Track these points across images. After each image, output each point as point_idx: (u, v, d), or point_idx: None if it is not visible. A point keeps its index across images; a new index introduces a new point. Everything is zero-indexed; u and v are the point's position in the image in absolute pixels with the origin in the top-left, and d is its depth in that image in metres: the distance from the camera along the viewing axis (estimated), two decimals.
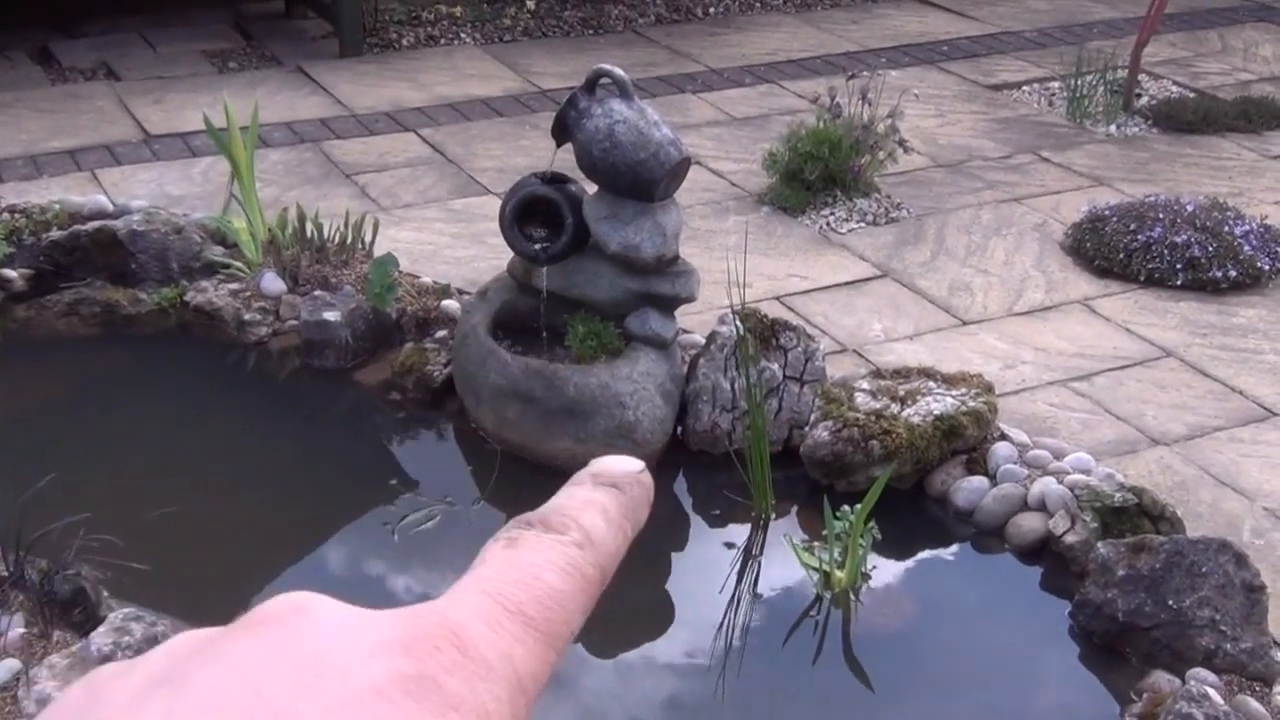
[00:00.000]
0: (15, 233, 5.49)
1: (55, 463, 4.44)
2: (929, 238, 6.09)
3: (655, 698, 3.73)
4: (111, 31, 8.25)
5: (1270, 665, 3.65)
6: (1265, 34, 8.94)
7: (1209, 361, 5.17)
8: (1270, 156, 7.02)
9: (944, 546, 4.32)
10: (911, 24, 8.94)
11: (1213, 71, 8.23)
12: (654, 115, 4.46)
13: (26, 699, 3.35)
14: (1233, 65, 8.36)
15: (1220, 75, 8.16)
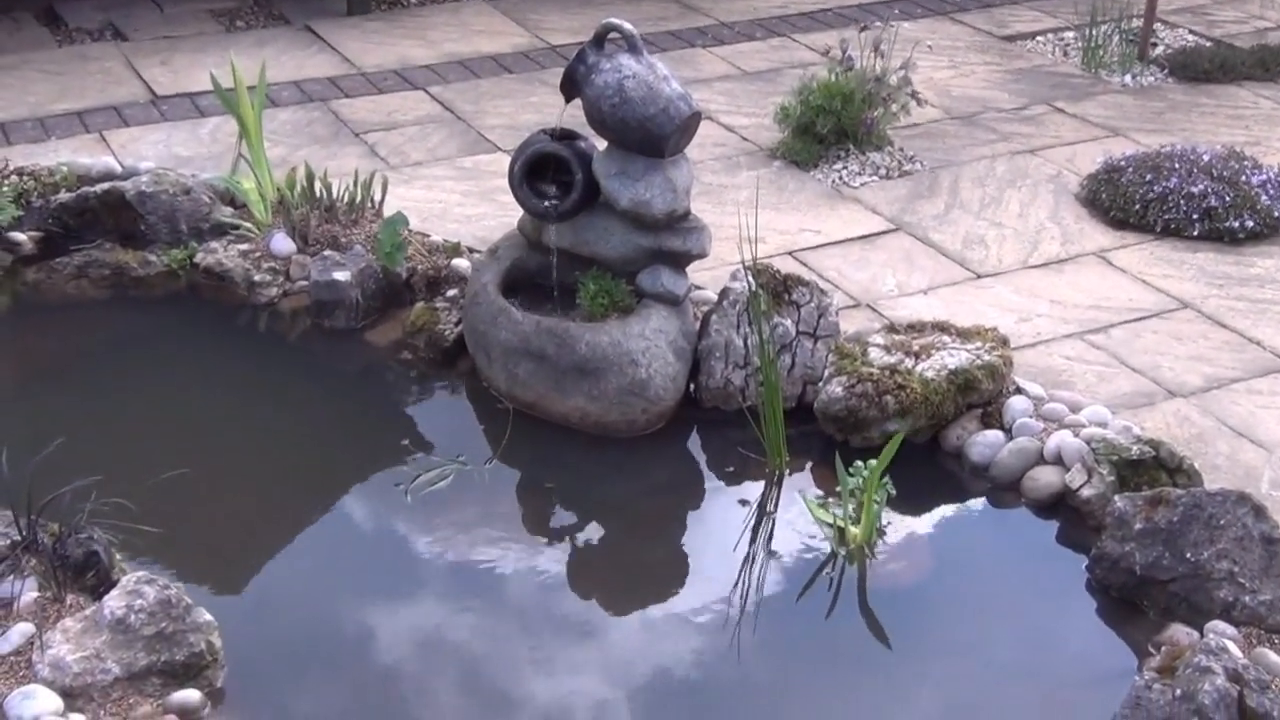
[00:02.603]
0: (24, 195, 5.47)
1: (65, 426, 4.42)
2: (943, 190, 6.03)
3: (671, 654, 3.70)
4: None
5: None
6: None
7: (1226, 312, 5.13)
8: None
9: (959, 501, 4.28)
10: None
11: (1229, 20, 8.14)
12: (664, 70, 4.41)
13: (40, 663, 3.35)
14: (1249, 13, 8.26)
15: (1236, 23, 8.07)
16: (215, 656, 3.45)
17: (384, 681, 3.59)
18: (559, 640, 3.77)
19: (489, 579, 3.98)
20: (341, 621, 3.79)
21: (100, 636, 3.39)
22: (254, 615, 3.78)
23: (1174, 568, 3.70)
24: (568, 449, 4.46)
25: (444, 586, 3.96)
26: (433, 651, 3.71)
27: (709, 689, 3.62)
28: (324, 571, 4.00)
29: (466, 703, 3.54)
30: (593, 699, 3.55)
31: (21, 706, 3.22)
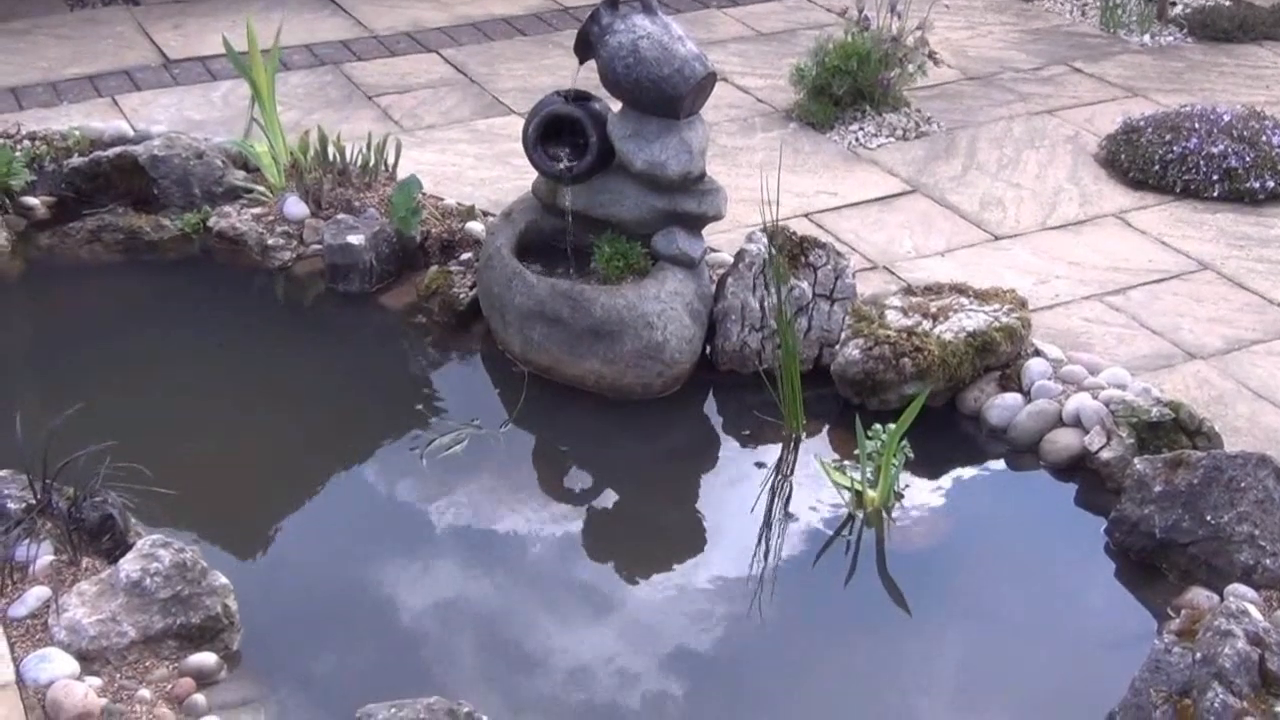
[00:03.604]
0: (37, 160, 5.46)
1: (79, 390, 4.43)
2: (960, 152, 5.99)
3: (687, 618, 3.70)
4: None
5: None
6: None
7: (1246, 274, 5.09)
8: None
9: (977, 464, 4.26)
10: None
11: None
12: (678, 30, 4.38)
13: (56, 626, 3.35)
14: None
15: None
16: (231, 620, 3.46)
17: (401, 645, 3.59)
18: (574, 603, 3.76)
19: (504, 543, 3.98)
20: (357, 585, 3.79)
21: (116, 600, 3.39)
22: (270, 579, 3.79)
23: (1194, 530, 3.68)
24: (583, 412, 4.44)
25: (459, 550, 3.96)
26: (448, 614, 3.70)
27: (725, 652, 3.61)
28: (339, 535, 4.00)
29: (482, 665, 3.53)
30: (608, 660, 3.55)
31: (38, 669, 3.23)
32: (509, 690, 3.43)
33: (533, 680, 3.48)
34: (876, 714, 3.43)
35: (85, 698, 3.16)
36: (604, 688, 3.47)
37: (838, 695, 3.50)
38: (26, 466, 3.68)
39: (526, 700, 3.42)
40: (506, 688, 3.45)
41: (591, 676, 3.50)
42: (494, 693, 3.39)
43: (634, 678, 3.49)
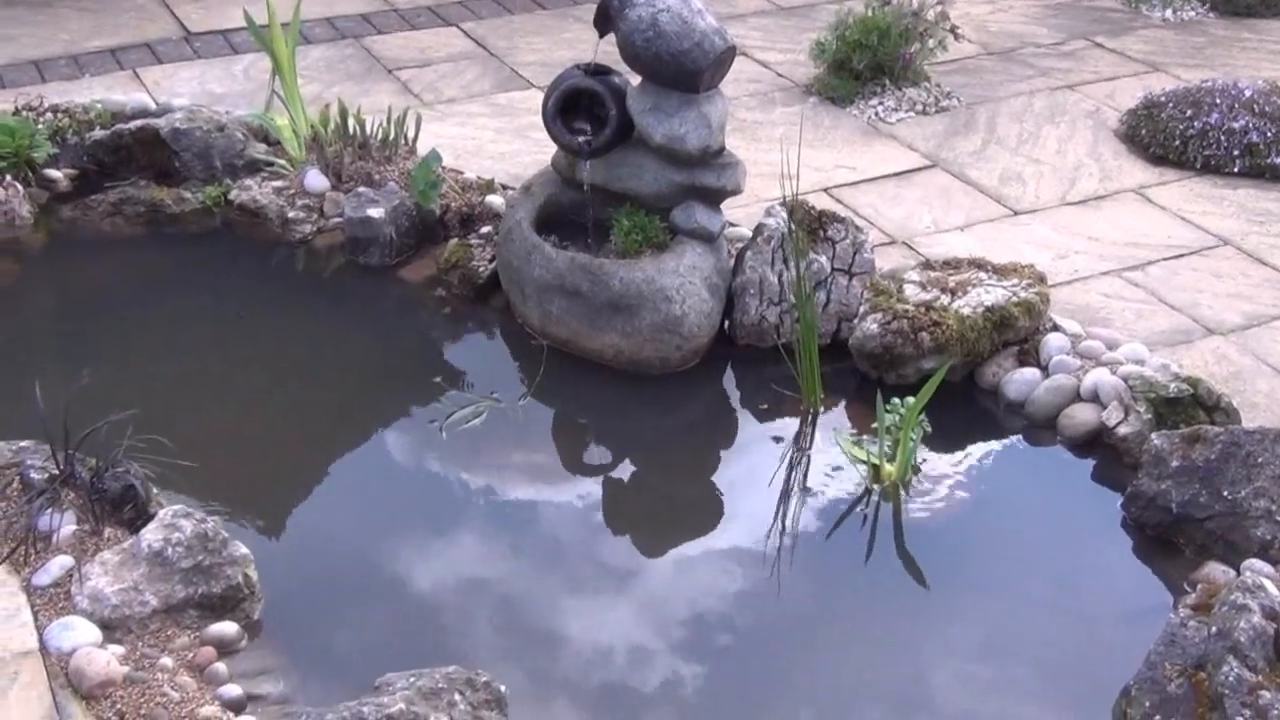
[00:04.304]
0: (59, 133, 5.48)
1: (101, 362, 4.47)
2: (980, 127, 5.98)
3: (705, 589, 3.71)
4: None
5: None
6: None
7: (1267, 250, 5.07)
8: None
9: (995, 439, 4.26)
10: None
11: None
12: (698, 4, 4.37)
13: (79, 594, 3.38)
14: None
15: None
16: (252, 590, 3.48)
17: (419, 614, 3.61)
18: (592, 574, 3.78)
19: (523, 515, 4.00)
20: (377, 555, 3.81)
21: (138, 569, 3.41)
22: (290, 549, 3.81)
23: (1211, 506, 3.68)
24: (601, 385, 4.45)
25: (478, 522, 3.97)
26: (466, 585, 3.72)
27: (743, 623, 3.63)
28: (359, 506, 4.02)
29: (500, 635, 3.55)
30: (625, 630, 3.56)
31: (61, 637, 3.26)
32: (527, 659, 3.45)
33: (550, 649, 3.50)
34: (893, 684, 3.44)
35: (108, 665, 3.18)
36: (620, 657, 3.48)
37: (855, 665, 3.51)
38: (49, 437, 3.71)
39: (544, 669, 3.43)
40: (524, 657, 3.46)
41: (608, 646, 3.52)
42: (512, 662, 3.41)
43: (650, 647, 3.51)
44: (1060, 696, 3.39)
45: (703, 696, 3.39)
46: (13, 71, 6.35)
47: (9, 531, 3.58)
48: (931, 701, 3.39)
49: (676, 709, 3.35)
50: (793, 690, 3.42)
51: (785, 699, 3.39)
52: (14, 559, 3.50)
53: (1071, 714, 3.32)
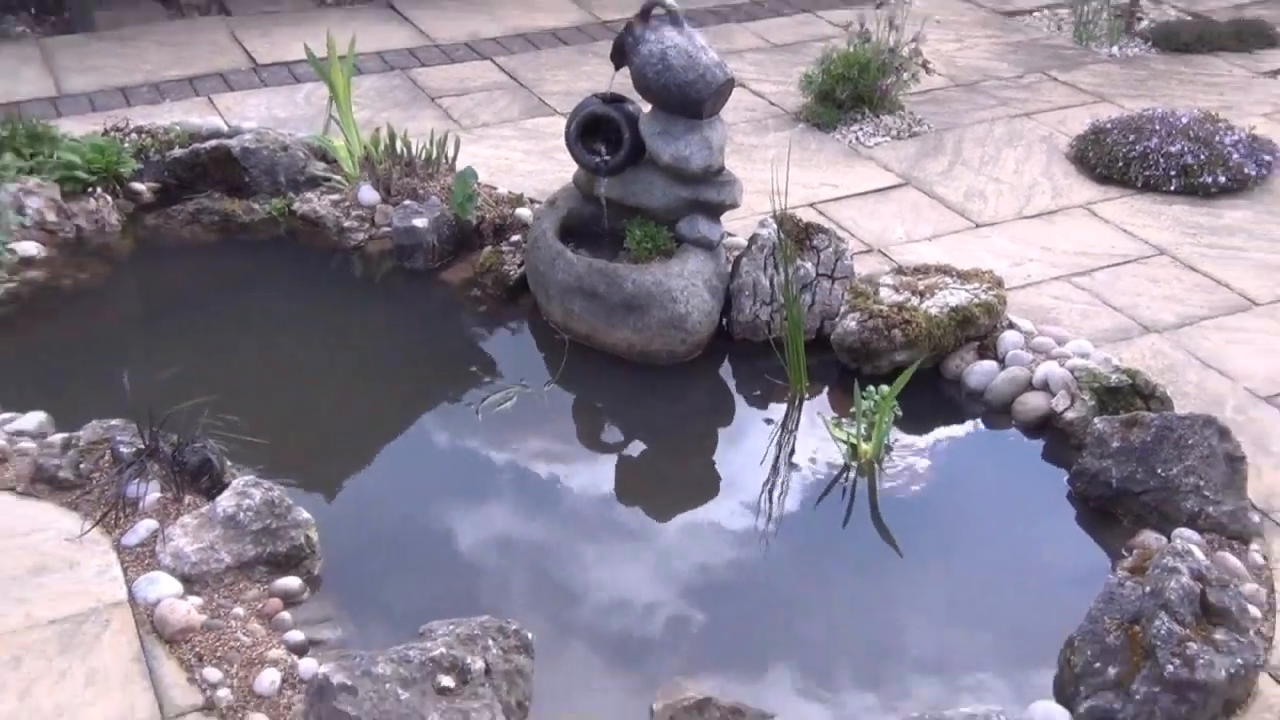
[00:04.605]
0: (143, 151, 5.52)
1: (181, 351, 4.52)
2: (947, 150, 6.00)
3: (705, 551, 3.74)
4: None
5: (1248, 526, 3.63)
6: None
7: (1198, 258, 5.09)
8: (1260, 73, 6.85)
9: (958, 423, 4.29)
10: None
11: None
12: (701, 41, 4.40)
13: (163, 553, 3.42)
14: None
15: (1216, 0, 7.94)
16: (313, 549, 3.52)
17: (458, 570, 3.65)
18: (608, 537, 3.82)
19: (548, 486, 4.03)
20: (422, 520, 3.85)
21: (214, 531, 3.46)
22: (346, 514, 3.84)
23: (1146, 481, 3.72)
24: (616, 375, 4.48)
25: (509, 491, 4.01)
26: (499, 545, 3.76)
27: (737, 577, 3.67)
28: (407, 478, 4.06)
29: (527, 588, 3.59)
30: (635, 585, 3.60)
31: (147, 590, 3.31)
32: (550, 610, 3.49)
33: (570, 601, 3.54)
34: (864, 633, 3.48)
35: (187, 614, 3.23)
36: (630, 607, 3.52)
37: (833, 613, 3.54)
38: (135, 416, 3.76)
39: (564, 617, 3.47)
40: (548, 608, 3.50)
41: (620, 598, 3.55)
42: (537, 612, 3.44)
43: (656, 598, 3.55)
44: (1013, 645, 3.42)
45: (702, 638, 3.44)
46: (102, 97, 6.39)
47: (101, 498, 3.63)
48: (899, 646, 3.43)
49: (678, 649, 3.39)
50: (780, 634, 3.46)
51: (774, 641, 3.43)
52: (105, 522, 3.55)
53: (1023, 661, 3.35)
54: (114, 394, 3.86)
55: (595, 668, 3.35)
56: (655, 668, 3.31)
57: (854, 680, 3.32)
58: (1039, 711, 3.06)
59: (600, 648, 3.41)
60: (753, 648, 3.42)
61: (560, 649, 3.36)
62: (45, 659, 3.13)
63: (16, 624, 3.23)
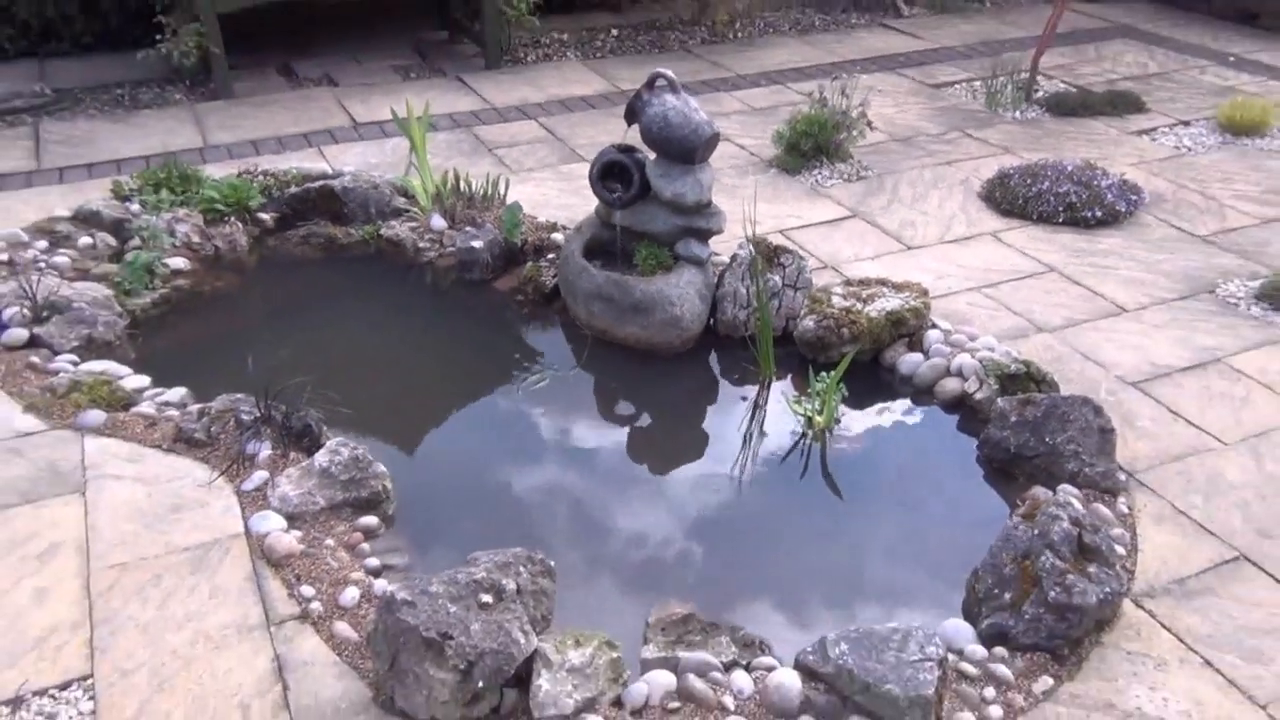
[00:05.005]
0: (267, 189, 5.46)
1: (292, 342, 4.46)
2: (886, 190, 5.89)
3: (695, 496, 3.68)
4: (332, 53, 8.13)
5: (1116, 483, 3.53)
6: (1128, 47, 8.51)
7: (1081, 274, 4.98)
8: (1128, 132, 6.71)
9: (891, 401, 4.20)
10: (879, 43, 8.61)
11: (1090, 73, 7.86)
12: (694, 104, 4.31)
13: (271, 496, 3.37)
14: (1104, 69, 7.98)
15: (1095, 76, 7.79)
16: (388, 495, 3.47)
17: (500, 512, 3.59)
18: (617, 486, 3.75)
19: (573, 447, 3.97)
20: (474, 473, 3.79)
21: (311, 480, 3.41)
22: (415, 468, 3.80)
23: (1037, 448, 3.63)
24: (627, 362, 4.41)
25: (541, 451, 3.95)
26: (532, 492, 3.70)
27: (717, 521, 3.60)
28: (462, 440, 4.01)
29: (553, 526, 3.53)
30: (639, 524, 3.54)
31: (259, 524, 3.27)
32: (570, 543, 3.43)
33: (587, 537, 3.48)
34: (814, 564, 3.41)
35: (289, 544, 3.18)
36: (633, 541, 3.46)
37: (789, 545, 3.47)
38: (255, 392, 3.71)
39: (582, 549, 3.41)
40: (569, 541, 3.44)
41: (625, 535, 3.49)
42: (560, 544, 3.39)
43: (653, 535, 3.48)
44: (928, 574, 3.35)
45: (689, 567, 3.37)
46: (238, 148, 6.33)
47: (226, 454, 3.58)
48: (841, 574, 3.36)
49: (670, 575, 3.33)
50: (748, 563, 3.39)
51: (743, 569, 3.36)
52: (229, 473, 3.50)
53: (936, 586, 3.28)
54: (239, 374, 3.83)
55: (604, 589, 3.29)
56: (652, 590, 3.24)
57: (804, 601, 3.25)
58: (949, 627, 2.98)
59: (608, 573, 3.35)
60: (727, 574, 3.35)
61: (577, 574, 3.30)
62: (179, 577, 3.08)
63: (159, 550, 3.18)
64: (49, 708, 2.65)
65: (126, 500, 3.36)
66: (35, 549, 3.16)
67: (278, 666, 2.78)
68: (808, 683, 2.69)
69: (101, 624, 2.90)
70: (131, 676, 2.74)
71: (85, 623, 2.90)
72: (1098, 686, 2.81)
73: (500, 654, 2.57)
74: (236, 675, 2.75)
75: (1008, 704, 2.74)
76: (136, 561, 3.12)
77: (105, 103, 7.07)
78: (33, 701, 2.67)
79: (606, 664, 2.72)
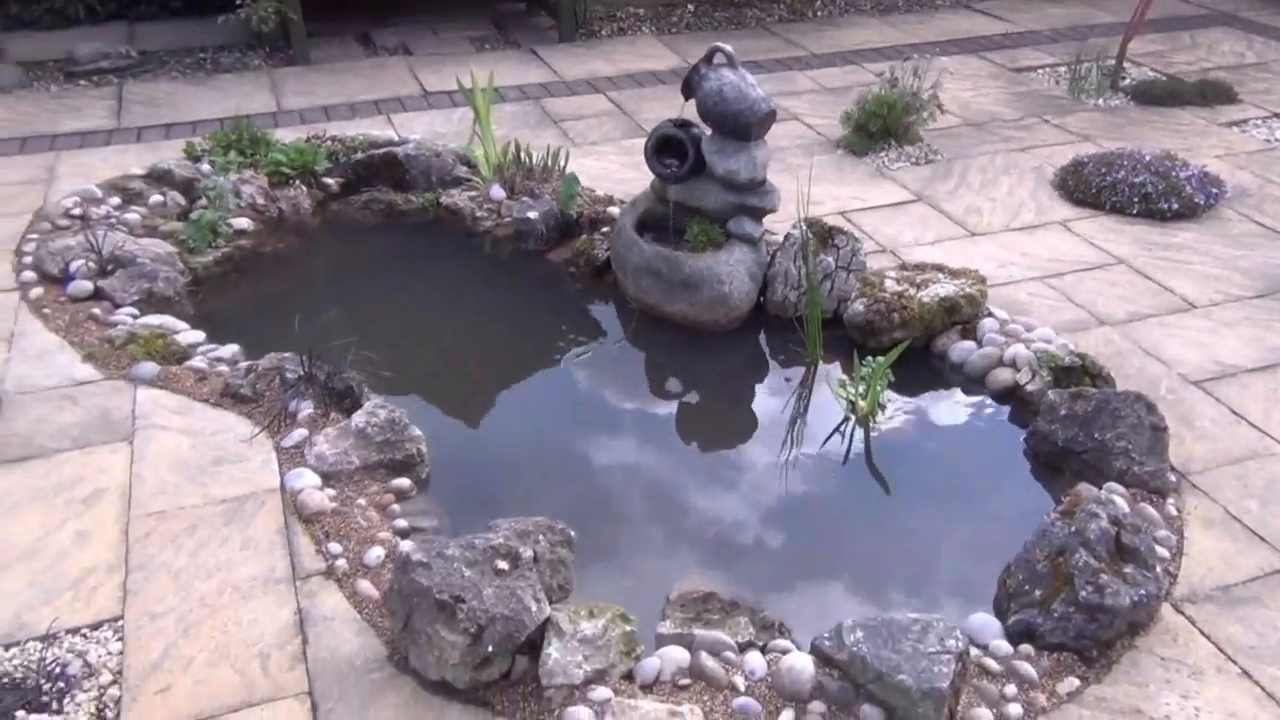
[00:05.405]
0: (334, 154, 5.53)
1: (343, 303, 4.51)
2: (954, 174, 5.73)
3: (728, 480, 3.63)
4: (410, 23, 8.19)
5: (1165, 483, 3.40)
6: (1226, 35, 8.15)
7: (1151, 268, 4.79)
8: (1217, 123, 6.43)
9: (940, 389, 4.10)
10: (963, 24, 8.38)
11: (1182, 62, 7.55)
12: (752, 79, 4.24)
13: (309, 454, 3.42)
14: (1198, 57, 7.65)
15: (1187, 64, 7.48)
16: (422, 459, 3.49)
17: (532, 480, 3.59)
18: (654, 460, 3.72)
19: (612, 419, 3.95)
20: (510, 441, 3.80)
21: (348, 440, 3.44)
22: (452, 434, 3.81)
23: (1085, 443, 3.51)
24: (673, 337, 4.37)
25: (581, 422, 3.94)
26: (567, 463, 3.69)
27: (751, 502, 3.55)
28: (502, 408, 4.01)
29: (579, 496, 3.51)
30: (673, 499, 3.51)
31: (294, 481, 3.31)
32: (594, 514, 3.41)
33: (616, 508, 3.46)
34: (846, 550, 3.35)
35: (322, 501, 3.23)
36: (662, 517, 3.43)
37: (821, 534, 3.42)
38: (301, 351, 3.76)
39: (609, 521, 3.39)
40: (593, 513, 3.42)
41: (655, 509, 3.46)
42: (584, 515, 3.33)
43: (684, 512, 3.45)
44: (963, 567, 3.26)
45: (715, 544, 3.33)
46: (310, 114, 6.42)
47: (269, 411, 3.64)
48: (872, 561, 3.30)
49: (695, 552, 3.29)
50: (778, 545, 3.34)
51: (772, 551, 3.31)
52: (270, 429, 3.56)
53: (969, 579, 3.19)
54: (291, 333, 3.87)
55: (629, 562, 3.27)
56: (677, 566, 3.22)
57: (832, 587, 3.19)
58: (976, 621, 2.90)
59: (635, 547, 3.32)
60: (756, 556, 3.31)
61: (604, 547, 3.28)
62: (213, 528, 3.14)
63: (197, 500, 3.25)
64: (80, 646, 2.73)
65: (171, 451, 3.44)
66: (81, 493, 3.25)
67: (299, 620, 2.82)
68: (821, 668, 2.64)
69: (136, 569, 2.97)
70: (159, 620, 2.81)
71: (121, 567, 2.98)
72: (1126, 691, 2.71)
73: (511, 620, 2.57)
74: (259, 625, 2.80)
75: (1029, 703, 2.66)
76: (175, 510, 3.19)
77: (187, 66, 7.23)
78: (65, 639, 2.75)
79: (620, 637, 2.71)
